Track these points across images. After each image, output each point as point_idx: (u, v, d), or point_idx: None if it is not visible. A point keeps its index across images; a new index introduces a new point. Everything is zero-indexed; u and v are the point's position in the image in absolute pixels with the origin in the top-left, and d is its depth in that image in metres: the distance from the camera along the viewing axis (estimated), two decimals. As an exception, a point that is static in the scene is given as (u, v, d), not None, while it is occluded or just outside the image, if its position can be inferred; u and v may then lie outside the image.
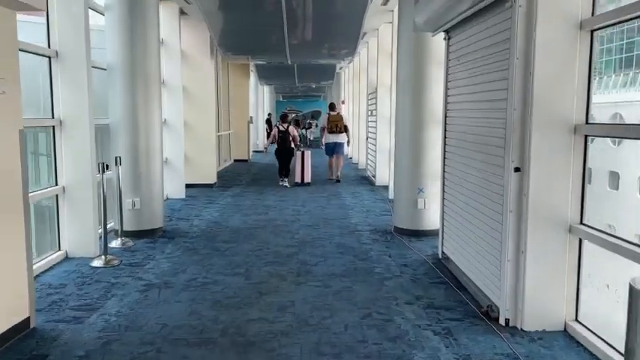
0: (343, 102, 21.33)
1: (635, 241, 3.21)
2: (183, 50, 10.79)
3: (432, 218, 6.54)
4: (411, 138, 6.55)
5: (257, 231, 7.00)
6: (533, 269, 3.64)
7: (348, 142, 12.55)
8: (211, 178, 11.30)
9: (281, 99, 34.13)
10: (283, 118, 12.02)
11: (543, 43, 3.52)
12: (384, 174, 11.45)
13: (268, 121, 24.98)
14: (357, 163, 15.97)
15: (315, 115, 29.52)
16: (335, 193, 10.46)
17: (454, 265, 5.12)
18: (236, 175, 13.76)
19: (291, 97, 32.52)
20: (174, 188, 9.77)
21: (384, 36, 11.34)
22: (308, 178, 11.72)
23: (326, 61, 12.57)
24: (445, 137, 5.46)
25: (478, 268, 4.40)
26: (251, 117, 18.07)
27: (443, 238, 5.55)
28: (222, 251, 5.97)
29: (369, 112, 13.18)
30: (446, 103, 5.43)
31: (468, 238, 4.71)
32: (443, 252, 5.54)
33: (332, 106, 12.44)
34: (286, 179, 11.60)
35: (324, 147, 12.27)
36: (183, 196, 9.73)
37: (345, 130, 12.10)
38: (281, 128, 11.66)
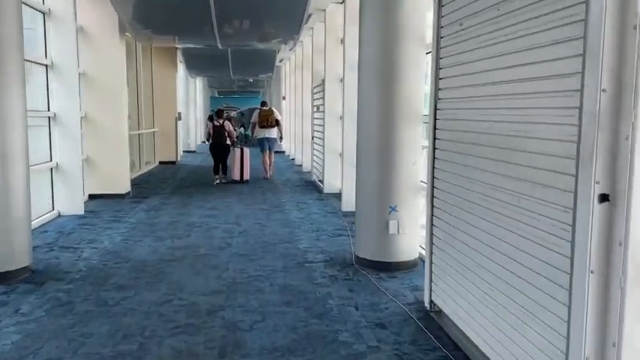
0: (284, 98, 19.56)
1: None
2: (83, 27, 8.63)
3: (408, 246, 4.91)
4: (380, 139, 4.87)
5: (170, 267, 5.09)
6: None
7: (281, 137, 12.59)
8: (123, 187, 9.18)
9: (216, 95, 31.79)
10: (219, 114, 11.69)
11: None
12: (334, 180, 9.79)
13: (211, 119, 22.74)
14: (300, 166, 14.24)
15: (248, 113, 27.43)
16: (277, 205, 8.66)
17: (452, 323, 3.50)
18: (158, 181, 11.63)
19: (228, 93, 30.26)
20: (68, 202, 7.62)
21: (333, 19, 9.66)
22: (247, 176, 11.38)
23: (264, 45, 10.64)
24: (435, 138, 3.81)
25: (503, 344, 2.79)
26: (179, 113, 15.90)
27: (431, 280, 3.90)
28: (110, 306, 4.03)
29: (315, 108, 11.48)
30: (436, 90, 3.79)
31: (479, 291, 3.08)
32: (432, 301, 3.89)
33: (263, 103, 12.65)
34: (224, 176, 11.22)
35: (257, 142, 12.33)
36: (82, 212, 7.60)
37: (277, 124, 12.05)
38: (216, 123, 11.27)
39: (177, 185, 11.06)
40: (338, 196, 9.25)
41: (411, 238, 4.90)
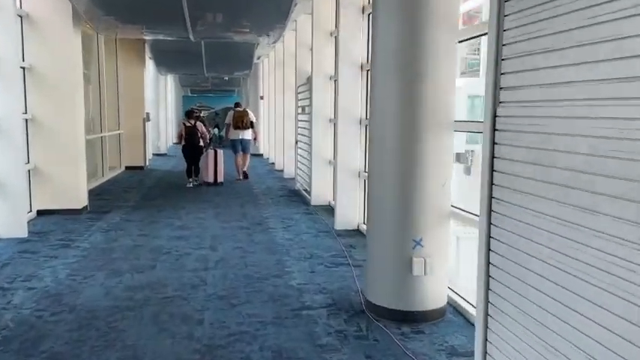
0: (262, 97, 18.35)
1: None
2: (29, 14, 7.32)
3: (436, 291, 3.83)
4: (400, 153, 3.78)
5: (126, 319, 3.90)
6: None
7: (256, 138, 12.30)
8: (79, 201, 7.88)
9: (189, 94, 30.23)
10: (189, 114, 11.19)
11: None
12: (323, 190, 8.71)
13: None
14: (281, 171, 13.09)
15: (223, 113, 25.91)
16: (259, 221, 7.51)
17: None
18: (123, 191, 10.32)
19: (202, 92, 28.76)
20: (8, 222, 6.32)
21: (321, 9, 8.56)
22: (221, 178, 11.14)
23: (243, 38, 9.37)
24: (493, 156, 2.75)
25: None
26: (147, 113, 14.54)
27: (486, 352, 2.83)
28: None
29: (300, 110, 10.36)
30: (495, 89, 2.71)
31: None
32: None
33: (237, 104, 12.35)
34: (196, 178, 10.93)
35: (229, 143, 12.00)
36: (25, 235, 6.31)
37: (252, 126, 11.79)
38: (188, 124, 10.86)
39: (143, 195, 9.78)
40: (328, 209, 8.18)
41: (439, 281, 3.83)
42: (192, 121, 10.89)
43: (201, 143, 10.93)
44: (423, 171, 3.74)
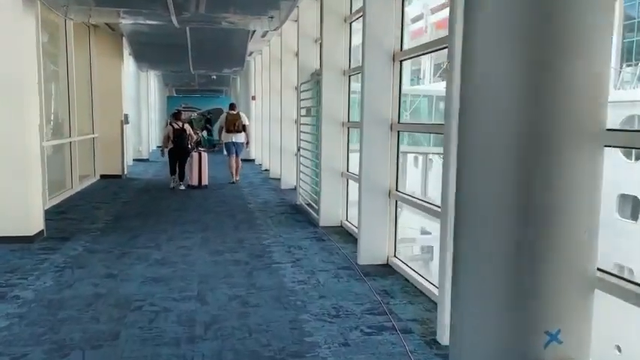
0: (254, 98, 16.78)
1: None
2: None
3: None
4: (521, 177, 2.26)
5: None
6: None
7: (248, 142, 11.95)
8: (32, 225, 6.25)
9: (174, 94, 28.44)
10: (176, 116, 11.04)
11: None
12: (335, 209, 7.24)
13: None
14: (278, 180, 11.55)
15: (214, 114, 24.07)
16: (259, 251, 5.95)
17: None
18: (93, 207, 8.69)
19: (188, 92, 26.98)
20: None
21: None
22: (205, 181, 11.04)
23: (238, 21, 7.69)
24: None
25: None
26: (126, 115, 12.87)
27: None
28: None
29: (304, 111, 8.83)
30: None
31: None
32: None
33: (232, 106, 11.90)
34: (181, 182, 10.73)
35: (223, 146, 12.07)
36: (-54, 279, 4.70)
37: (244, 129, 11.53)
38: (176, 127, 10.63)
39: (117, 214, 8.15)
40: (341, 232, 6.72)
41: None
42: (180, 124, 10.74)
43: (188, 145, 10.82)
44: (559, 208, 2.23)
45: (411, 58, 5.58)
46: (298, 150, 9.11)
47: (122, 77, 12.87)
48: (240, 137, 11.53)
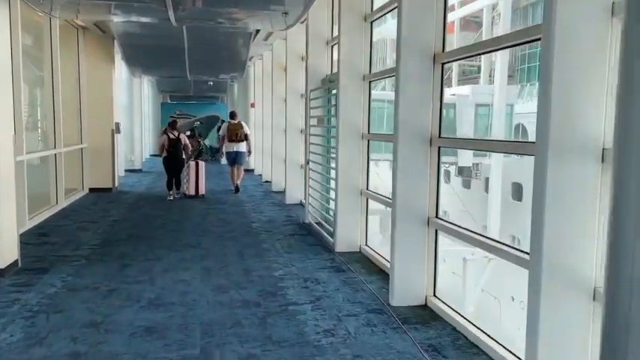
0: (253, 105, 15.93)
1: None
2: None
3: None
4: None
5: None
6: None
7: (250, 151, 11.80)
8: (2, 257, 5.32)
9: (168, 100, 27.48)
10: (172, 125, 10.78)
11: None
12: (353, 232, 6.40)
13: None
14: (281, 193, 10.68)
15: (212, 121, 23.05)
16: (270, 286, 5.05)
17: None
18: (78, 227, 7.76)
19: (183, 99, 26.04)
20: None
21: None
22: (202, 190, 10.92)
23: (249, 14, 6.72)
24: None
25: None
26: (117, 124, 11.95)
27: None
28: None
29: (315, 121, 7.99)
30: None
31: None
32: None
33: (232, 115, 11.79)
34: (177, 192, 10.67)
35: (224, 156, 11.93)
36: None
37: (246, 138, 11.40)
38: (171, 136, 10.48)
39: (104, 236, 7.23)
40: (362, 260, 5.89)
41: None
42: (176, 133, 10.57)
43: (184, 155, 10.61)
44: None
45: (456, 60, 4.75)
46: (307, 163, 8.26)
47: (113, 83, 11.94)
48: (242, 147, 11.37)
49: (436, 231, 4.53)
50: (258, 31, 9.43)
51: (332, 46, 7.72)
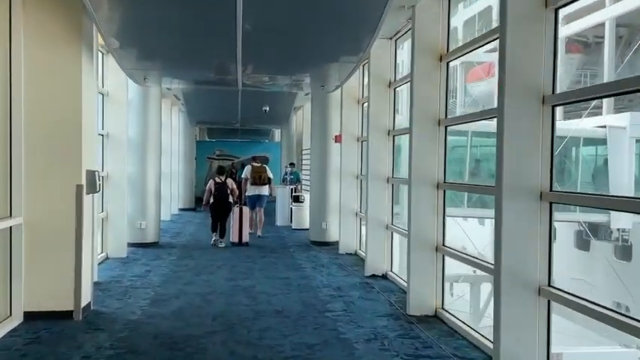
0: (338, 139, 10.66)
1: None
2: None
3: None
4: None
5: None
6: None
7: (271, 194, 12.48)
8: None
9: (206, 137, 25.08)
10: (220, 171, 11.36)
11: None
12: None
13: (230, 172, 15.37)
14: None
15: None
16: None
17: None
18: None
19: (223, 135, 23.14)
20: None
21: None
22: (246, 238, 11.10)
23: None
24: None
25: None
26: (95, 172, 5.95)
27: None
28: None
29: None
30: None
31: None
32: None
33: (255, 159, 12.57)
34: (222, 239, 10.88)
35: (246, 199, 12.21)
36: None
37: (269, 181, 12.05)
38: (217, 180, 10.88)
39: None
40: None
41: None
42: (222, 177, 10.97)
43: (230, 200, 10.86)
44: None
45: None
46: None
47: (84, 88, 5.67)
48: (264, 190, 12.01)
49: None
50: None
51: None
